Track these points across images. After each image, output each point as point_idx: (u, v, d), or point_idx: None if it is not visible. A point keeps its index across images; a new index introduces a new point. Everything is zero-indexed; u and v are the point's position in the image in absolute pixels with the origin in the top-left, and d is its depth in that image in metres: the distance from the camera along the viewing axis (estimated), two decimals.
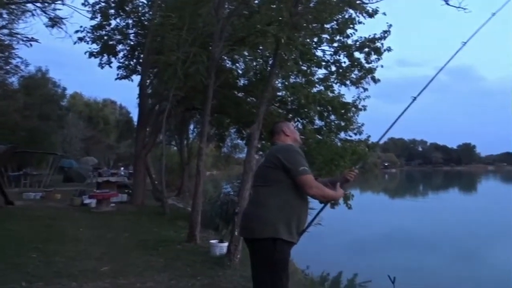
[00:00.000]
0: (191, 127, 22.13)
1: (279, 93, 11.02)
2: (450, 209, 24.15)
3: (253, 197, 2.95)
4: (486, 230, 15.55)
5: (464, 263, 10.86)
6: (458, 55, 3.65)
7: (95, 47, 14.34)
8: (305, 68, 10.33)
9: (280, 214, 2.64)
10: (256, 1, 8.56)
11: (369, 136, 10.71)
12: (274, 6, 7.69)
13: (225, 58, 10.98)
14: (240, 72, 12.33)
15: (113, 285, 4.74)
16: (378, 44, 9.75)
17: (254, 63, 11.67)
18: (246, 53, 10.83)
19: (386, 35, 9.73)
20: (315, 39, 9.83)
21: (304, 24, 7.70)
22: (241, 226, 2.96)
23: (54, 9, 11.79)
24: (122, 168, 28.25)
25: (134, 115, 22.56)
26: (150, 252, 6.58)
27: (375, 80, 10.13)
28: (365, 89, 10.31)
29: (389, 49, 9.88)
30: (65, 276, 4.97)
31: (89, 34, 14.02)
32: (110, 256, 6.24)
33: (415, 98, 3.39)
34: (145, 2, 14.71)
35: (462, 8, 6.19)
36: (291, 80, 10.72)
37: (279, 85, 10.84)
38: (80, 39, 13.88)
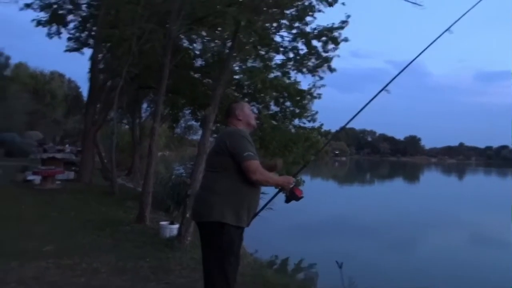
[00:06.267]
0: (144, 106, 21.62)
1: (236, 77, 10.95)
2: (393, 197, 25.35)
3: (203, 182, 2.99)
4: (424, 218, 16.47)
5: (401, 249, 11.50)
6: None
7: (43, 15, 13.51)
8: (263, 52, 10.30)
9: (227, 199, 2.65)
10: None
11: (322, 124, 10.92)
12: None
13: (182, 37, 10.72)
14: (197, 52, 12.11)
15: (57, 265, 4.58)
16: (336, 34, 9.87)
17: (212, 45, 11.49)
18: (204, 34, 10.63)
19: (344, 25, 9.85)
20: (274, 24, 9.79)
21: (264, 8, 7.65)
22: (192, 209, 2.97)
23: None
24: (67, 145, 27.03)
25: (84, 90, 21.69)
26: (97, 233, 6.41)
27: (331, 69, 10.27)
28: (321, 78, 10.45)
29: (346, 40, 10.01)
30: (4, 256, 4.74)
31: (37, 1, 13.17)
32: (54, 235, 6.02)
33: (383, 89, 3.39)
34: None
35: (417, 4, 6.41)
36: (249, 64, 10.67)
37: (236, 68, 10.76)
38: (27, 5, 13.00)
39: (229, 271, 2.64)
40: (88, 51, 14.08)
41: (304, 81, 10.69)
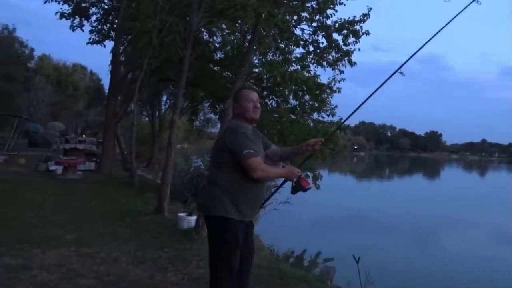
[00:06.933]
0: (164, 98, 21.83)
1: (255, 70, 10.93)
2: (412, 193, 25.01)
3: (208, 176, 2.99)
4: (443, 216, 16.19)
5: (419, 246, 11.35)
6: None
7: (66, 8, 13.75)
8: (283, 46, 10.25)
9: (230, 194, 2.64)
10: None
11: (341, 118, 10.82)
12: None
13: (203, 30, 10.75)
14: (217, 45, 12.13)
15: (77, 254, 4.67)
16: (357, 27, 9.74)
17: (232, 37, 11.49)
18: (224, 26, 10.63)
19: (365, 18, 9.71)
20: (295, 17, 9.73)
21: (285, 1, 7.61)
22: (199, 202, 2.99)
23: None
24: (83, 136, 27.39)
25: (105, 82, 21.97)
26: (116, 222, 6.50)
27: (352, 63, 10.15)
28: (341, 72, 10.34)
29: (367, 33, 9.87)
30: (27, 242, 4.86)
31: None
32: (75, 224, 6.14)
33: (396, 71, 3.30)
34: None
35: None
36: (268, 57, 10.63)
37: (256, 61, 10.74)
38: None
39: (233, 264, 2.66)
40: (109, 44, 14.29)
41: (324, 75, 10.61)
